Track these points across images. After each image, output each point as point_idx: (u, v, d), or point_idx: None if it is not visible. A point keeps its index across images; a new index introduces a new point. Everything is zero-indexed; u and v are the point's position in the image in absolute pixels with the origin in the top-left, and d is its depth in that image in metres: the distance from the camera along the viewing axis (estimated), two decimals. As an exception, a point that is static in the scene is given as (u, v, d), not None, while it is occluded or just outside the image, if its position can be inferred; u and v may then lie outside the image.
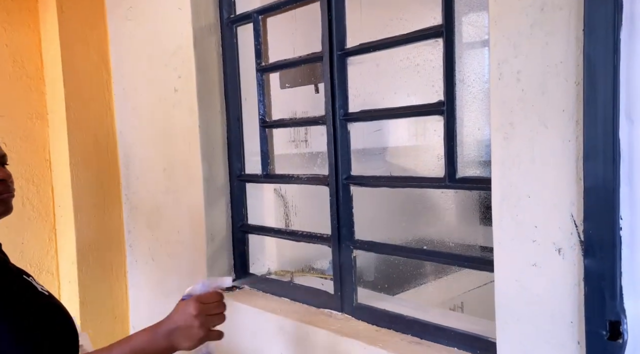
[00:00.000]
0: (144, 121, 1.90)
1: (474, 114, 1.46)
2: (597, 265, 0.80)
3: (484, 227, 2.69)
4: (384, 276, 2.52)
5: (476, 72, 1.53)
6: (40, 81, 1.98)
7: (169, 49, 1.73)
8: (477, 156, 2.09)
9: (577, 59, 0.83)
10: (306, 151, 2.36)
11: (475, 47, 1.96)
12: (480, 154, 2.12)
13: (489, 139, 0.98)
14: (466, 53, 1.19)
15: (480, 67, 1.58)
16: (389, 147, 2.60)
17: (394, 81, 1.95)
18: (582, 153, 0.81)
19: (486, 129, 1.76)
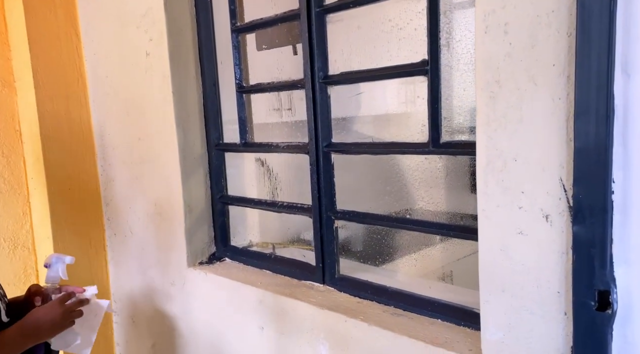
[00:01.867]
0: (117, 88, 1.80)
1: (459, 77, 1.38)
2: (587, 232, 0.75)
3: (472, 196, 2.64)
4: (372, 246, 2.48)
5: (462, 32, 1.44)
6: (4, 46, 1.86)
7: (139, 10, 1.62)
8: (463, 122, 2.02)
9: (570, 8, 0.75)
10: (291, 119, 2.28)
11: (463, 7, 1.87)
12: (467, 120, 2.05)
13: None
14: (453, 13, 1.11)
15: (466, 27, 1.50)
16: (371, 115, 2.52)
17: (375, 49, 1.86)
18: (573, 111, 0.74)
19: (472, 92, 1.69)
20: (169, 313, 1.74)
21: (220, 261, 1.67)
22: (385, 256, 2.45)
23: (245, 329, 1.46)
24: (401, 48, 1.25)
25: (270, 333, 1.39)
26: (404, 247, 2.45)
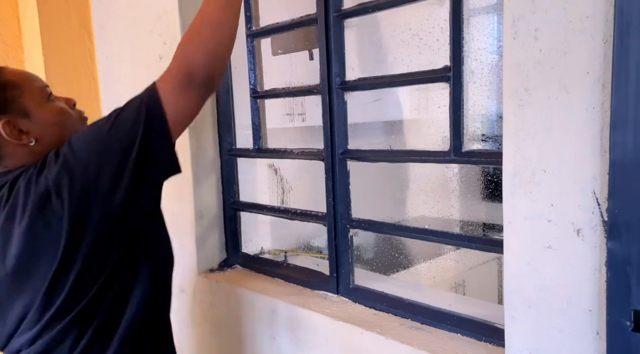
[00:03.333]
0: (129, 91, 1.77)
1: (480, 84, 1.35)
2: (623, 248, 0.71)
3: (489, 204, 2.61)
4: (384, 254, 2.44)
5: (484, 38, 1.42)
6: (18, 49, 1.85)
7: (153, 14, 1.61)
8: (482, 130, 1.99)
9: (606, 13, 0.72)
10: (303, 125, 2.25)
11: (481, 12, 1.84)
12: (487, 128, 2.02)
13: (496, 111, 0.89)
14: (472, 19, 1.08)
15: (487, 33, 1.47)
16: (388, 122, 2.49)
17: (393, 55, 1.83)
18: (609, 121, 0.71)
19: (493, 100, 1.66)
20: (180, 321, 1.71)
21: (231, 268, 1.65)
22: (396, 264, 2.41)
23: (257, 338, 1.43)
24: (422, 54, 1.23)
25: (282, 344, 1.36)
26: (415, 255, 2.42)
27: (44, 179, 0.88)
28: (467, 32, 1.00)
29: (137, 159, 0.87)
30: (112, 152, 0.87)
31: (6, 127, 0.92)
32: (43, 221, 0.87)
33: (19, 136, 0.93)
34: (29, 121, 0.95)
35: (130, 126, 0.88)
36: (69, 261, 0.88)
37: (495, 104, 1.50)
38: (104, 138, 0.89)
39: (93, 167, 0.87)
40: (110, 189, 0.87)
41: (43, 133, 0.96)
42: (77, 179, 0.86)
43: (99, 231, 0.89)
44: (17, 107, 0.94)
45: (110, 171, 0.87)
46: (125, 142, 0.88)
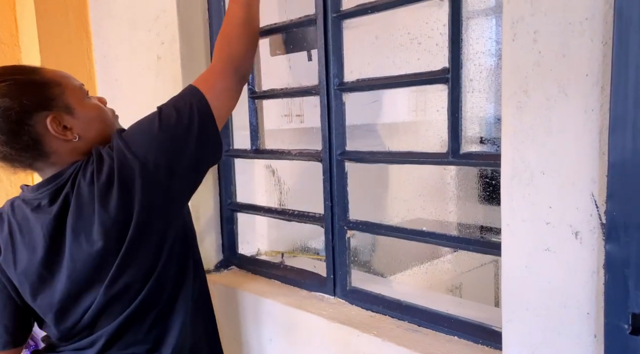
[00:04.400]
0: (127, 90, 1.78)
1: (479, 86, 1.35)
2: (621, 251, 0.71)
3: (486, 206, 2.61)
4: (381, 255, 2.44)
5: (482, 40, 1.42)
6: (15, 48, 1.85)
7: (151, 13, 1.60)
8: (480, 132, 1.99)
9: (605, 16, 0.72)
10: (301, 126, 2.25)
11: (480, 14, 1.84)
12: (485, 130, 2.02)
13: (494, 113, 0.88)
14: (472, 21, 1.08)
15: (486, 35, 1.47)
16: (385, 123, 2.49)
17: (391, 58, 1.84)
18: (608, 123, 0.71)
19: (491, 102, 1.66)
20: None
21: (227, 270, 1.64)
22: (393, 266, 2.41)
23: (253, 340, 1.42)
24: (420, 60, 1.23)
25: (279, 346, 1.35)
26: (412, 257, 2.42)
27: (106, 175, 0.92)
28: (466, 34, 1.00)
29: (194, 155, 0.98)
30: (169, 149, 0.95)
31: (53, 123, 0.94)
32: (110, 213, 0.92)
33: (64, 132, 0.96)
34: (72, 117, 0.98)
35: (186, 126, 0.97)
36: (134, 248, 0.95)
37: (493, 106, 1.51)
38: (156, 135, 0.95)
39: (152, 162, 0.93)
40: (169, 180, 0.95)
41: (85, 129, 0.99)
42: (139, 171, 0.92)
43: (162, 217, 0.97)
44: (61, 104, 0.96)
45: (168, 164, 0.94)
46: (181, 141, 0.96)
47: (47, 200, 0.97)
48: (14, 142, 0.93)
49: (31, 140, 0.94)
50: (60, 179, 0.97)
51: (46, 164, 0.98)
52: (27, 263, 0.99)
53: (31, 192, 1.00)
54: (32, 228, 0.99)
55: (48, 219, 0.96)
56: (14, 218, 1.02)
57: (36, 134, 0.94)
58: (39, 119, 0.93)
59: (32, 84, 0.95)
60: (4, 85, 0.92)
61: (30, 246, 0.99)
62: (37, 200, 0.98)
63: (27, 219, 0.99)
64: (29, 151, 0.95)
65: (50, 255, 0.97)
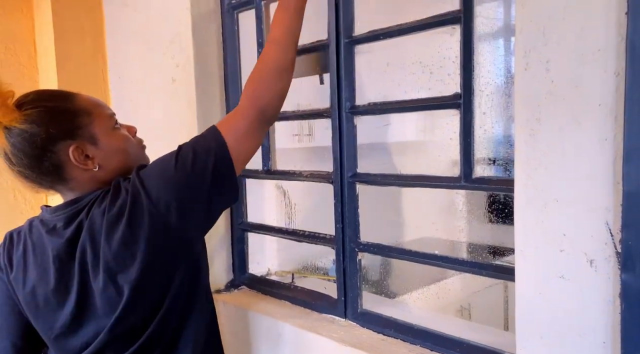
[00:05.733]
0: (141, 111, 1.81)
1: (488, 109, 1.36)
2: (637, 280, 0.71)
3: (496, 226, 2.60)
4: (391, 274, 2.43)
5: (490, 64, 1.43)
6: (33, 69, 1.89)
7: (166, 37, 1.64)
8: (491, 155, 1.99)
9: (617, 47, 0.73)
10: (310, 145, 2.27)
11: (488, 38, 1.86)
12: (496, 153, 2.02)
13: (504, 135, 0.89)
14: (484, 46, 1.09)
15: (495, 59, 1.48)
16: (396, 142, 2.51)
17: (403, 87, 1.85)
18: (622, 153, 0.72)
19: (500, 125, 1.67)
20: (184, 341, 1.70)
21: (238, 289, 1.64)
22: (403, 285, 2.40)
23: (263, 362, 1.42)
24: (431, 90, 1.24)
25: (289, 368, 1.35)
26: (422, 276, 2.41)
27: (117, 208, 0.92)
28: (477, 61, 1.02)
29: (207, 198, 0.95)
30: (182, 190, 0.93)
31: (75, 152, 0.95)
32: (112, 246, 0.91)
33: (85, 161, 0.97)
34: (96, 147, 0.98)
35: (201, 169, 0.95)
36: (141, 286, 0.93)
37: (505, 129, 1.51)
38: (172, 176, 0.94)
39: (164, 203, 0.92)
40: (179, 222, 0.93)
41: (107, 159, 0.99)
42: (148, 211, 0.91)
43: (169, 258, 0.95)
44: (87, 134, 0.97)
45: (179, 207, 0.92)
46: (195, 184, 0.94)
47: (63, 223, 0.98)
48: (35, 166, 0.95)
49: (52, 166, 0.95)
50: (78, 204, 0.98)
51: (66, 188, 1.00)
52: (35, 284, 0.99)
53: (49, 214, 1.01)
54: (45, 249, 0.99)
55: (60, 243, 0.97)
56: (30, 238, 1.03)
57: (58, 161, 0.95)
58: (62, 147, 0.95)
59: (62, 112, 0.97)
60: (34, 111, 0.94)
61: (40, 267, 0.99)
62: (53, 222, 1.00)
63: (42, 240, 1.00)
64: (49, 175, 0.97)
65: (58, 279, 0.97)
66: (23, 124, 0.92)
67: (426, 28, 1.11)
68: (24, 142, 0.93)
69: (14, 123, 0.92)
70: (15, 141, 0.93)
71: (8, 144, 0.94)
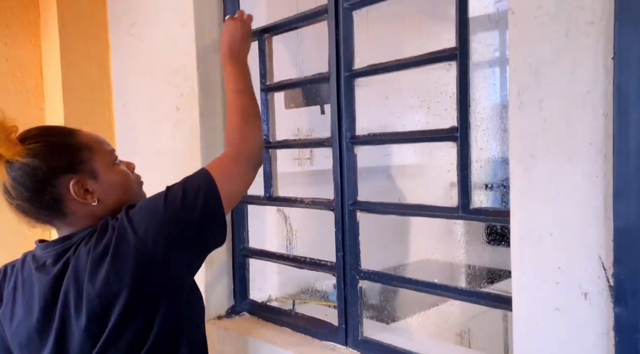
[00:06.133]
0: (144, 138, 1.84)
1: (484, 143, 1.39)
2: (629, 314, 0.73)
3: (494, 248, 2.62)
4: (390, 297, 2.44)
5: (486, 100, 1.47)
6: (39, 97, 1.93)
7: (171, 67, 1.68)
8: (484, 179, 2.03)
9: (605, 90, 0.77)
10: (310, 169, 2.30)
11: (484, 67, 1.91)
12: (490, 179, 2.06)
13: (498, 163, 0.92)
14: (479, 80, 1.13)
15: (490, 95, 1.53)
16: (396, 166, 2.54)
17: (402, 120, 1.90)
18: (612, 190, 0.75)
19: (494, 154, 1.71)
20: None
21: (239, 316, 1.65)
22: (402, 309, 2.40)
23: (264, 389, 1.43)
24: (429, 122, 1.28)
25: (290, 396, 1.35)
26: (421, 299, 2.41)
27: (103, 246, 0.92)
28: (473, 97, 1.06)
29: (195, 236, 0.96)
30: (170, 227, 0.93)
31: (75, 186, 0.96)
32: (95, 286, 0.90)
33: (85, 195, 0.97)
34: (96, 181, 0.99)
35: (191, 207, 0.95)
36: (122, 326, 0.91)
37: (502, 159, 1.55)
38: (160, 214, 0.94)
39: (150, 241, 0.91)
40: (165, 261, 0.92)
41: (106, 194, 1.00)
42: (134, 247, 0.91)
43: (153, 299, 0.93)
44: (88, 168, 0.99)
45: (167, 244, 0.92)
46: (183, 221, 0.95)
47: (52, 260, 0.98)
48: (35, 200, 0.96)
49: (52, 199, 0.96)
50: (68, 241, 0.98)
51: (63, 223, 1.00)
52: (21, 320, 0.99)
53: (41, 250, 1.01)
54: (33, 286, 0.99)
55: (47, 280, 0.97)
56: (21, 273, 1.03)
57: (57, 194, 0.96)
58: (63, 181, 0.96)
59: (64, 146, 0.99)
60: (37, 145, 0.95)
61: (27, 304, 0.99)
62: (44, 258, 0.99)
63: (31, 277, 1.00)
64: (48, 209, 0.97)
65: (41, 317, 0.97)
66: (25, 158, 0.93)
67: (423, 64, 1.15)
68: (25, 175, 0.94)
69: (16, 157, 0.93)
70: (16, 175, 0.94)
71: (9, 178, 0.95)
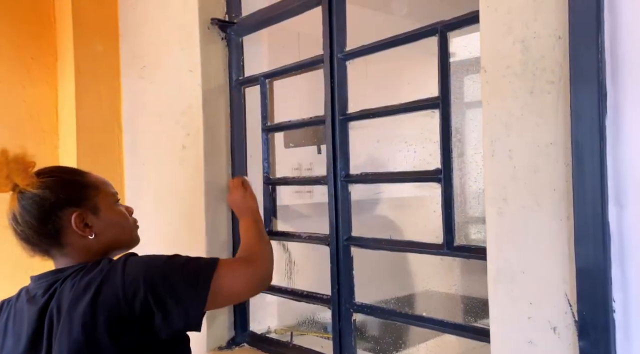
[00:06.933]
0: (152, 175, 1.94)
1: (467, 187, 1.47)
2: (592, 348, 0.80)
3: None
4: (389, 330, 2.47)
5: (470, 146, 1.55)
6: (54, 135, 2.05)
7: (179, 108, 1.80)
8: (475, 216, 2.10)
9: (565, 141, 0.86)
10: (310, 201, 2.39)
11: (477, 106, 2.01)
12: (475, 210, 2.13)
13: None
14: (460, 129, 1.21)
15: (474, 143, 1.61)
16: (394, 198, 2.62)
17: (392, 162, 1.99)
18: (574, 234, 0.83)
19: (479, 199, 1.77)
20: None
21: (239, 347, 1.71)
22: (399, 342, 2.43)
23: None
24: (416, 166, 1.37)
25: None
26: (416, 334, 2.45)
27: (85, 283, 0.98)
28: (454, 143, 1.15)
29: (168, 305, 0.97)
30: (153, 287, 0.97)
31: (77, 218, 1.06)
32: (80, 319, 0.95)
33: (84, 228, 1.07)
34: (96, 217, 1.09)
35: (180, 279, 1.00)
36: None
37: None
38: (156, 264, 1.01)
39: (133, 289, 0.96)
40: (140, 313, 0.96)
41: (103, 230, 1.09)
42: (116, 292, 0.95)
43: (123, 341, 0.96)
44: (91, 204, 1.09)
45: (145, 298, 0.95)
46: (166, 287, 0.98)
47: (41, 291, 1.04)
48: (38, 228, 1.05)
49: (54, 229, 1.05)
50: (60, 274, 1.05)
51: (60, 253, 1.07)
52: (10, 350, 1.04)
53: (34, 282, 1.08)
54: (23, 317, 1.04)
55: (34, 310, 1.02)
56: (14, 306, 1.09)
57: (59, 225, 1.05)
58: (66, 212, 1.05)
59: (72, 182, 1.10)
60: (50, 180, 1.06)
61: (16, 335, 1.05)
62: (35, 290, 1.06)
63: (22, 309, 1.06)
64: (49, 238, 1.06)
65: (29, 345, 1.02)
66: (37, 189, 1.04)
67: (409, 110, 1.25)
68: (34, 204, 1.04)
69: (29, 188, 1.04)
70: (26, 203, 1.04)
71: (18, 206, 1.05)
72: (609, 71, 0.81)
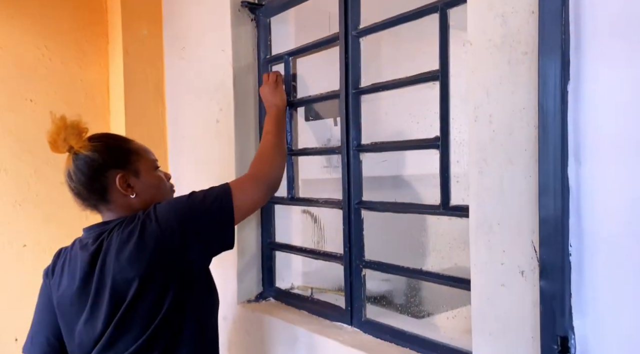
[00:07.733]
0: (191, 147, 2.15)
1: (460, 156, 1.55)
2: (550, 286, 0.91)
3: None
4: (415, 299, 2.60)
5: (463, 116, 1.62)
6: (105, 112, 2.29)
7: (213, 85, 1.98)
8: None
9: (535, 106, 0.96)
10: (336, 176, 2.53)
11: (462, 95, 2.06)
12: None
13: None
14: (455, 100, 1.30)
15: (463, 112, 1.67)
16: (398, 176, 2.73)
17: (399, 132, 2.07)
18: (537, 188, 0.93)
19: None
20: (221, 344, 1.96)
21: (265, 300, 1.90)
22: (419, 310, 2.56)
23: (282, 361, 1.66)
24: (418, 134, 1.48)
25: (302, 366, 1.58)
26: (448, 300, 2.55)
27: (128, 232, 1.17)
28: (452, 116, 1.25)
29: (206, 233, 1.21)
30: (187, 222, 1.17)
31: (120, 179, 1.25)
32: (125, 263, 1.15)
33: (126, 188, 1.26)
34: (137, 179, 1.28)
35: (206, 209, 1.21)
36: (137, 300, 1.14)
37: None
38: (180, 207, 1.20)
39: (169, 229, 1.16)
40: (180, 247, 1.16)
41: (143, 191, 1.28)
42: (155, 235, 1.15)
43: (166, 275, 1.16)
44: (133, 168, 1.28)
45: (182, 235, 1.16)
46: (198, 219, 1.19)
47: (91, 240, 1.21)
48: (88, 185, 1.24)
49: (101, 187, 1.24)
50: (106, 226, 1.23)
51: (106, 208, 1.26)
52: (65, 288, 1.24)
53: (85, 233, 1.28)
54: (76, 261, 1.22)
55: (86, 256, 1.19)
56: (70, 253, 1.29)
57: (106, 184, 1.24)
58: (112, 174, 1.24)
59: (119, 148, 1.29)
60: (99, 144, 1.26)
61: (71, 275, 1.23)
62: (86, 239, 1.25)
63: (76, 254, 1.25)
64: (96, 194, 1.24)
65: (81, 285, 1.19)
66: (88, 152, 1.23)
67: (413, 83, 1.36)
68: (85, 165, 1.23)
69: (82, 150, 1.23)
70: (78, 163, 1.23)
71: (73, 166, 1.24)
72: (573, 42, 0.90)
